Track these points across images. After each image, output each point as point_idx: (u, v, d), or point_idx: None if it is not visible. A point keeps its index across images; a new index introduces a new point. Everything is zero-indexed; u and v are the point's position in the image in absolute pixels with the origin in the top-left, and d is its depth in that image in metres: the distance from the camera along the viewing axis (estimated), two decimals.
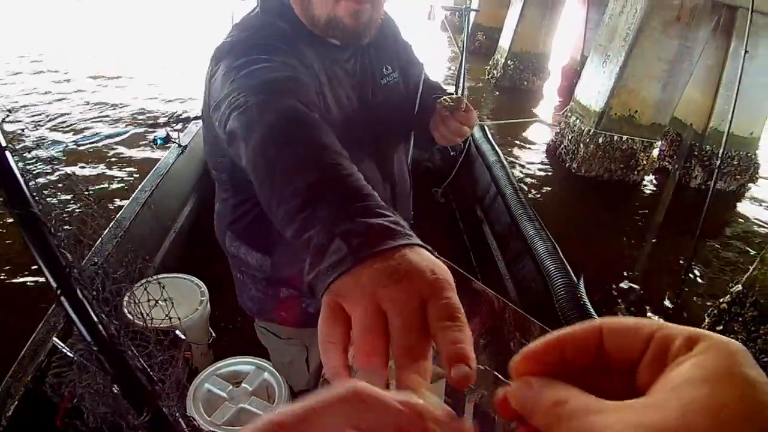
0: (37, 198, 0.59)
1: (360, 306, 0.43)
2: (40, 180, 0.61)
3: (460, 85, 3.44)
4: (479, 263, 2.32)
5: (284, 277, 1.28)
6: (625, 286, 4.06)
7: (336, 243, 0.48)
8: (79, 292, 0.63)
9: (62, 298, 0.62)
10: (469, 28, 3.55)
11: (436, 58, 9.71)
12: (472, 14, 3.71)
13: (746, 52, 3.41)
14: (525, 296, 1.87)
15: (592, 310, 1.56)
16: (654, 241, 4.84)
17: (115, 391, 0.72)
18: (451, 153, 2.59)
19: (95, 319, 0.66)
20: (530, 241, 1.91)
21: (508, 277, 2.03)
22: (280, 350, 1.44)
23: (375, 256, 0.45)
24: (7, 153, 0.57)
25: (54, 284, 0.60)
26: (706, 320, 3.35)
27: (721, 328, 3.18)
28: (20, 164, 0.58)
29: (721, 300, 3.25)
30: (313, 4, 1.00)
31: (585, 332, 0.26)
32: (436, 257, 0.48)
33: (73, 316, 0.63)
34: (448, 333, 0.38)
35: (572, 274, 1.71)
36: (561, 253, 1.82)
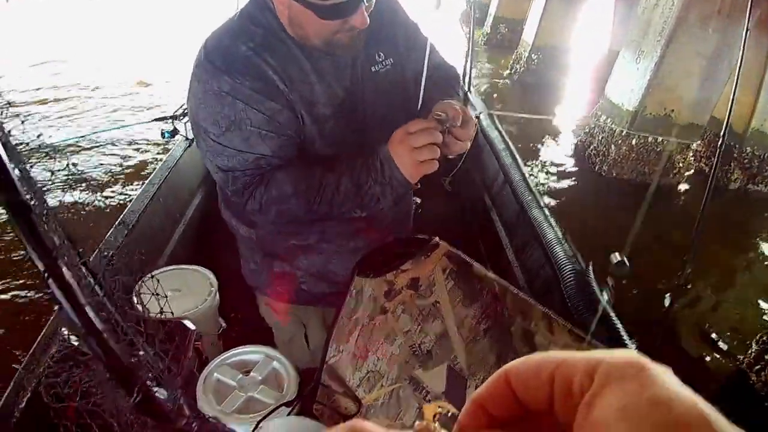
0: (24, 184, 0.63)
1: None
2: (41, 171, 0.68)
3: (467, 81, 3.51)
4: (488, 251, 2.39)
5: (272, 251, 1.40)
6: (661, 297, 4.08)
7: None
8: (66, 273, 0.66)
9: (50, 280, 0.64)
10: (476, 17, 3.63)
11: (450, 52, 9.80)
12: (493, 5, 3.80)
13: None
14: (533, 284, 1.94)
15: (601, 296, 1.63)
16: (691, 247, 4.85)
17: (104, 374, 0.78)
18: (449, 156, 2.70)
19: (83, 301, 0.68)
20: (538, 228, 1.99)
21: (516, 265, 2.10)
22: (280, 328, 1.57)
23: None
24: None
25: (41, 266, 0.64)
26: (753, 347, 3.34)
27: None
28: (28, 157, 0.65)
29: None
30: (306, 32, 1.09)
31: (496, 388, 0.27)
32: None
33: (61, 298, 0.66)
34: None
35: (581, 261, 1.79)
36: (569, 241, 1.89)
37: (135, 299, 1.53)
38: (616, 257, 1.49)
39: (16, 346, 3.04)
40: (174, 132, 3.03)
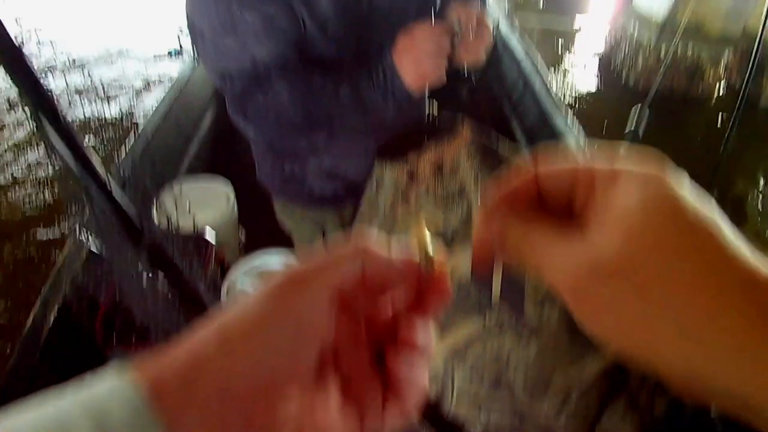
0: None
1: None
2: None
3: None
4: None
5: (282, 152, 1.39)
6: None
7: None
8: (61, 116, 0.66)
9: (42, 120, 0.63)
10: None
11: None
12: None
13: None
14: None
15: None
16: (719, 165, 4.76)
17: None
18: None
19: (78, 142, 0.68)
20: (560, 137, 1.94)
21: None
22: (297, 231, 1.58)
23: None
24: None
25: (34, 106, 0.64)
26: None
27: None
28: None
29: None
30: None
31: (521, 179, 0.31)
32: None
33: (69, 158, 0.66)
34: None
35: None
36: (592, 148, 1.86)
37: (155, 211, 1.53)
38: (631, 125, 1.38)
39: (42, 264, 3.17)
40: (181, 50, 3.00)
